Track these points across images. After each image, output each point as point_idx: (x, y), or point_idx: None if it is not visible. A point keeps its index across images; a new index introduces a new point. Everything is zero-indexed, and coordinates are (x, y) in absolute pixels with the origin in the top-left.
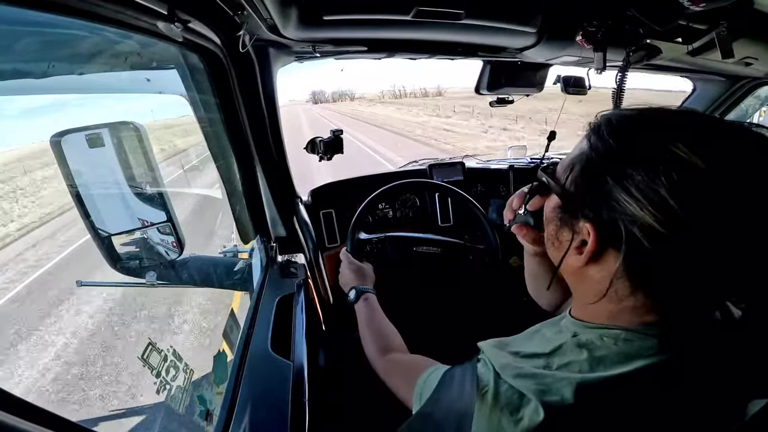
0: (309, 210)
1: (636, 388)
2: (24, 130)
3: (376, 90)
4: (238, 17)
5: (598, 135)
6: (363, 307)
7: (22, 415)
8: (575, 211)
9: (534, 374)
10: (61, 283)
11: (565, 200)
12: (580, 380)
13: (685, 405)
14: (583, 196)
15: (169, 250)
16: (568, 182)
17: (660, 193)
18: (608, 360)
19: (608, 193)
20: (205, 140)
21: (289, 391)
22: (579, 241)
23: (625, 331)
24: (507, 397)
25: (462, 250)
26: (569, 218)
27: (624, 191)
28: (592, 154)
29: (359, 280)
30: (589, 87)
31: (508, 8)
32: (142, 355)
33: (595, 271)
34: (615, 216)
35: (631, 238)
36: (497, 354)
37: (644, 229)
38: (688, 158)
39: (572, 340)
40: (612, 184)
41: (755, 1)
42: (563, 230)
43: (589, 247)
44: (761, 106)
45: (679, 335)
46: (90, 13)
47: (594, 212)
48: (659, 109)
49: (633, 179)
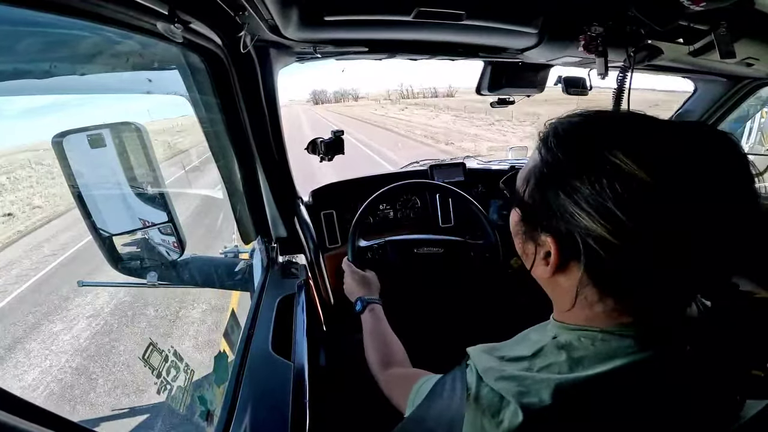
0: (310, 210)
1: (614, 387)
2: (23, 130)
3: (380, 89)
4: (239, 18)
5: (547, 146)
6: (368, 318)
7: (22, 415)
8: (535, 224)
9: (515, 377)
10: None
11: (525, 214)
12: (558, 381)
13: (666, 402)
14: (540, 210)
15: (170, 251)
16: (527, 195)
17: (606, 205)
18: (586, 360)
19: (562, 206)
20: (207, 141)
21: (289, 391)
22: (544, 252)
23: (602, 332)
24: (488, 400)
25: (463, 247)
26: (531, 230)
27: (575, 204)
28: (543, 168)
29: (365, 289)
30: (590, 88)
31: (509, 9)
32: (143, 355)
33: (563, 281)
34: (571, 229)
35: (588, 248)
36: (483, 358)
37: (598, 240)
38: (627, 168)
39: (552, 342)
40: (563, 198)
41: (756, 2)
42: (528, 243)
43: (553, 260)
44: (762, 107)
45: (654, 334)
46: (91, 14)
47: (552, 225)
48: (601, 114)
49: (581, 192)
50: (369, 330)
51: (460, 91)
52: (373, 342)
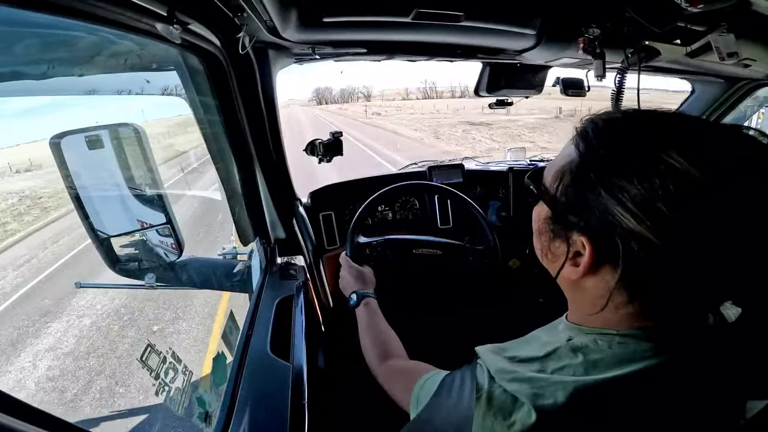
0: (308, 212)
1: (631, 390)
2: (21, 130)
3: (398, 86)
4: (238, 19)
5: (587, 142)
6: (363, 312)
7: (20, 417)
8: (568, 222)
9: (529, 378)
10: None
11: (556, 211)
12: (574, 383)
13: (682, 407)
14: (576, 208)
15: (168, 252)
16: (559, 192)
17: (656, 205)
18: (603, 363)
19: (603, 205)
20: (205, 142)
21: (288, 392)
22: (573, 252)
23: (620, 335)
24: (500, 402)
25: (461, 251)
26: (562, 229)
27: (619, 204)
28: (582, 163)
29: (360, 284)
30: (588, 89)
31: (508, 10)
32: (140, 356)
33: (592, 284)
34: (611, 229)
35: (628, 251)
36: (494, 359)
37: (642, 242)
38: (684, 168)
39: (567, 344)
40: (606, 196)
41: (754, 3)
42: (556, 242)
43: (586, 261)
44: (760, 108)
45: (674, 338)
46: (90, 15)
47: (589, 225)
48: (646, 113)
49: (628, 192)
50: (365, 323)
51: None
52: (370, 335)
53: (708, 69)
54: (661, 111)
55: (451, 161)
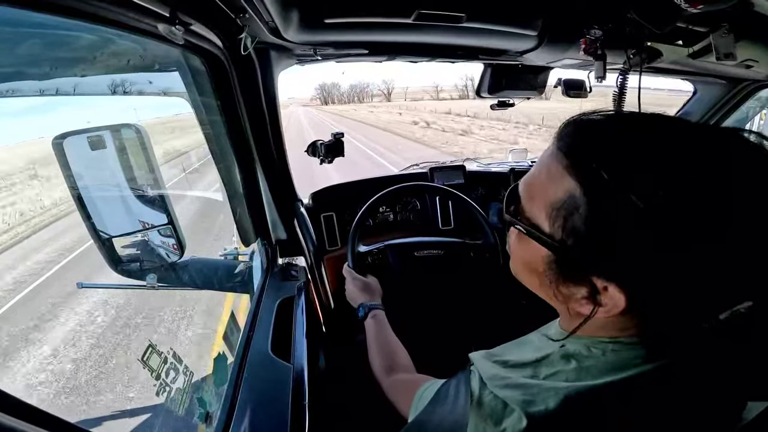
0: (310, 213)
1: (623, 397)
2: (19, 130)
3: (424, 83)
4: (240, 20)
5: (591, 176)
6: (372, 324)
7: (20, 417)
8: (582, 267)
9: (521, 384)
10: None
11: (564, 256)
12: (566, 390)
13: (676, 413)
14: (594, 254)
15: (169, 253)
16: (565, 233)
17: (683, 236)
18: (595, 370)
19: (633, 253)
20: (207, 143)
21: (289, 393)
22: (587, 291)
23: (613, 342)
24: (491, 408)
25: (462, 248)
26: (573, 272)
27: (653, 248)
28: (592, 200)
29: (367, 296)
30: (590, 90)
31: (509, 11)
32: (142, 357)
33: (600, 313)
34: (643, 274)
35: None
36: (486, 365)
37: (655, 268)
38: (683, 174)
39: (559, 350)
40: (639, 244)
41: (755, 4)
42: (568, 284)
43: (616, 311)
44: (762, 109)
45: (668, 344)
46: (92, 15)
47: (615, 272)
48: (634, 117)
49: (659, 234)
50: (372, 336)
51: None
52: (377, 348)
53: (710, 70)
54: (647, 114)
55: (453, 162)
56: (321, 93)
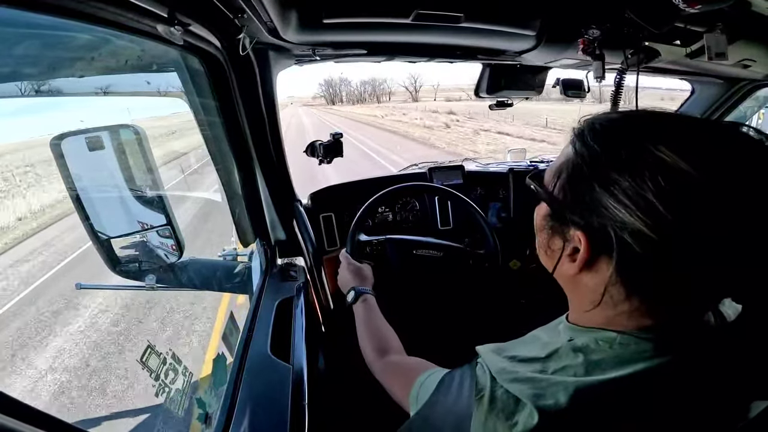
0: (309, 213)
1: (632, 391)
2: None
3: (458, 80)
4: (239, 20)
5: (583, 141)
6: (361, 308)
7: (20, 417)
8: (565, 218)
9: (530, 379)
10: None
11: (554, 208)
12: (575, 384)
13: (683, 408)
14: (571, 204)
15: (168, 253)
16: (556, 189)
17: (647, 198)
18: (604, 364)
19: (597, 199)
20: (205, 143)
21: (288, 394)
22: (571, 248)
23: (621, 335)
24: (503, 402)
25: (462, 254)
26: (559, 226)
27: (612, 197)
28: (577, 160)
29: (358, 280)
30: (588, 90)
31: (507, 11)
32: (141, 358)
33: (589, 279)
34: (605, 223)
35: (622, 244)
36: (494, 359)
37: (634, 234)
38: (673, 162)
39: (568, 345)
40: (599, 190)
41: (753, 4)
42: (555, 238)
43: (582, 255)
44: (760, 109)
45: (675, 338)
46: (91, 16)
47: (584, 219)
48: (644, 112)
49: (620, 185)
50: (362, 319)
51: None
52: (367, 331)
53: (708, 70)
54: (661, 111)
55: (451, 162)
56: (327, 90)
